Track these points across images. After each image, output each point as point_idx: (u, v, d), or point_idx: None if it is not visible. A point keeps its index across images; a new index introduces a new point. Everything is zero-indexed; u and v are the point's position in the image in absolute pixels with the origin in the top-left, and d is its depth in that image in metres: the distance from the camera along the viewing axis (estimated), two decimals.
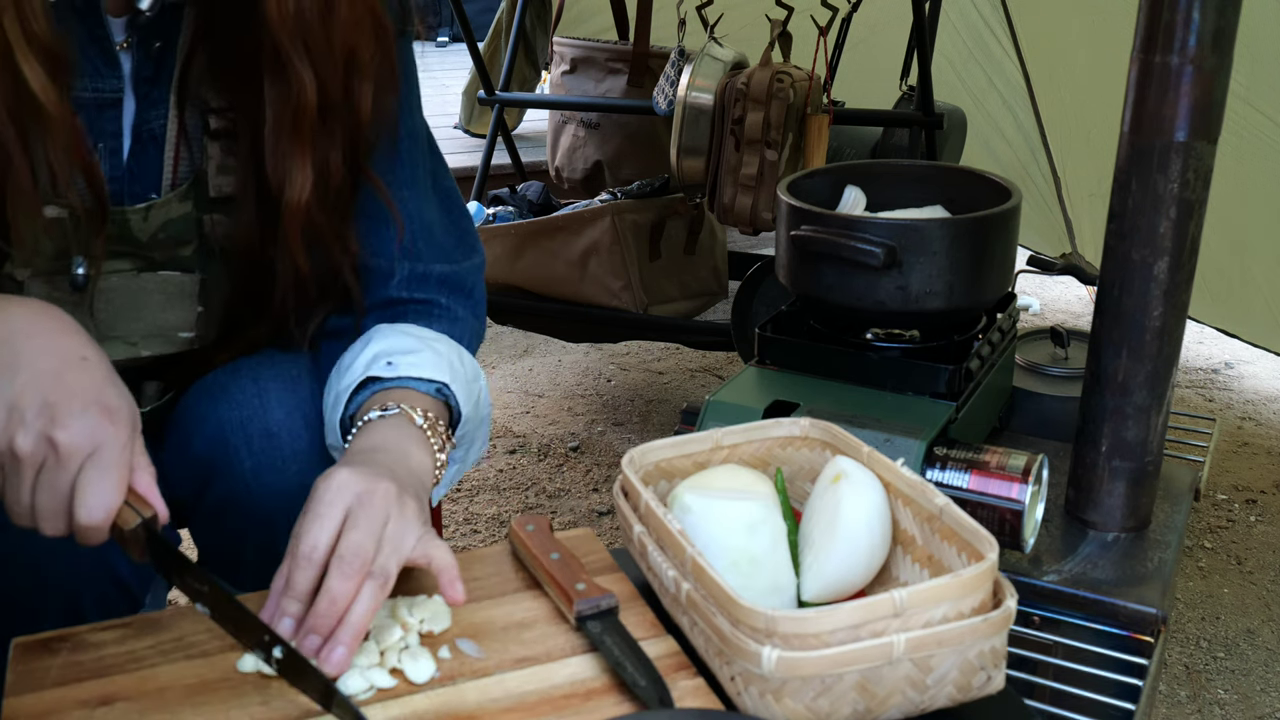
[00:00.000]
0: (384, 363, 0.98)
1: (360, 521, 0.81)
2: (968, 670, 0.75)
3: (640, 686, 0.78)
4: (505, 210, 2.60)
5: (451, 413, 1.01)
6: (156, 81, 0.97)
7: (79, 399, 0.77)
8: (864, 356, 1.24)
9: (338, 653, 0.78)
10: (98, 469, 0.76)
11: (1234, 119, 2.22)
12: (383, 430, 0.93)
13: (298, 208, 0.96)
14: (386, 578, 0.81)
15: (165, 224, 0.99)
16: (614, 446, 2.64)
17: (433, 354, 1.00)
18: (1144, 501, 1.16)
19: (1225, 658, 1.90)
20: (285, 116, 0.94)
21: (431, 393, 0.98)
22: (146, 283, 1.01)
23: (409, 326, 1.04)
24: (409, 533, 0.83)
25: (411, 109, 1.06)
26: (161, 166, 0.99)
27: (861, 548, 0.85)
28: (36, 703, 0.77)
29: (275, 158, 0.95)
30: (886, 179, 1.42)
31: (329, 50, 0.93)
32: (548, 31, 3.53)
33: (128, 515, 0.78)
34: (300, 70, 0.92)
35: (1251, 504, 2.42)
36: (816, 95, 2.20)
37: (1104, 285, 1.11)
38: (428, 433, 0.95)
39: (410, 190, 1.06)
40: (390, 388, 0.97)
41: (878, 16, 2.78)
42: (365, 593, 0.79)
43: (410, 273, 1.07)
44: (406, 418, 0.94)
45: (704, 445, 0.97)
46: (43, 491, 0.76)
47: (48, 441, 0.75)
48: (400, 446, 0.92)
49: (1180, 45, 1.01)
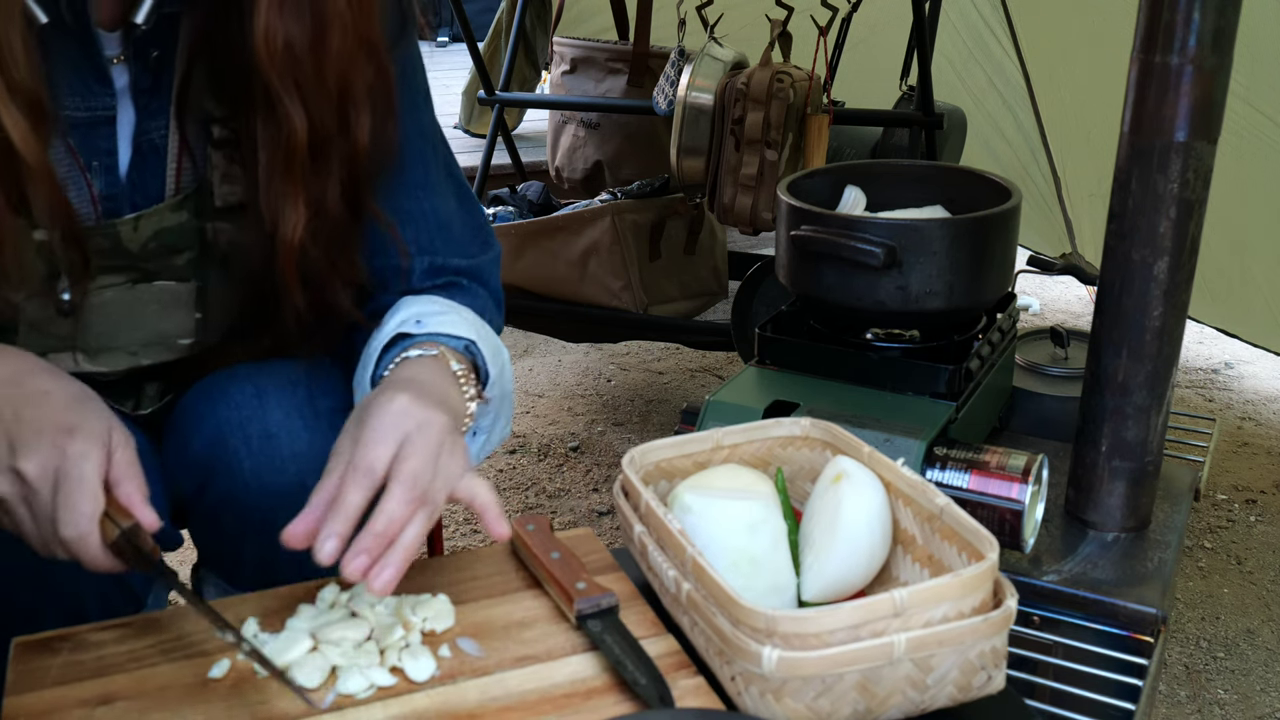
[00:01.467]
0: (414, 321, 0.98)
1: (419, 449, 0.81)
2: (968, 670, 0.75)
3: (641, 685, 0.78)
4: (505, 210, 2.60)
5: (478, 373, 1.02)
6: (156, 92, 0.96)
7: (35, 430, 0.79)
8: (864, 356, 1.24)
9: (386, 574, 0.78)
10: (67, 484, 0.78)
11: (1234, 119, 2.22)
12: (421, 366, 0.94)
13: (291, 246, 0.95)
14: (436, 506, 0.82)
15: (156, 233, 0.98)
16: (614, 446, 2.64)
17: (459, 316, 1.01)
18: (1144, 501, 1.16)
19: (1225, 658, 1.90)
20: (277, 156, 0.92)
21: (460, 349, 0.99)
22: (142, 294, 1.01)
23: (435, 296, 1.05)
24: (458, 466, 0.84)
25: (418, 107, 1.06)
26: (164, 177, 0.98)
27: (862, 548, 0.85)
28: (37, 702, 0.77)
29: (268, 196, 0.94)
30: (886, 179, 1.42)
31: (320, 85, 0.90)
32: (548, 31, 3.53)
33: (108, 527, 0.80)
34: (290, 110, 0.90)
35: (1251, 504, 2.42)
36: (816, 95, 2.20)
37: (1104, 285, 1.11)
38: (461, 380, 0.95)
39: (424, 190, 1.06)
40: (421, 342, 0.97)
41: (878, 16, 2.78)
42: (418, 518, 0.80)
43: (430, 265, 1.07)
44: (443, 361, 0.95)
45: (704, 445, 0.97)
46: (38, 522, 0.79)
47: (15, 475, 0.78)
48: (439, 384, 0.92)
49: (1180, 45, 1.01)
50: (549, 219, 2.46)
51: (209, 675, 0.80)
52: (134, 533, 0.80)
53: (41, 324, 0.97)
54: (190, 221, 1.00)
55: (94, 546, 0.79)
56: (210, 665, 0.81)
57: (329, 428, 1.01)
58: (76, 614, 0.95)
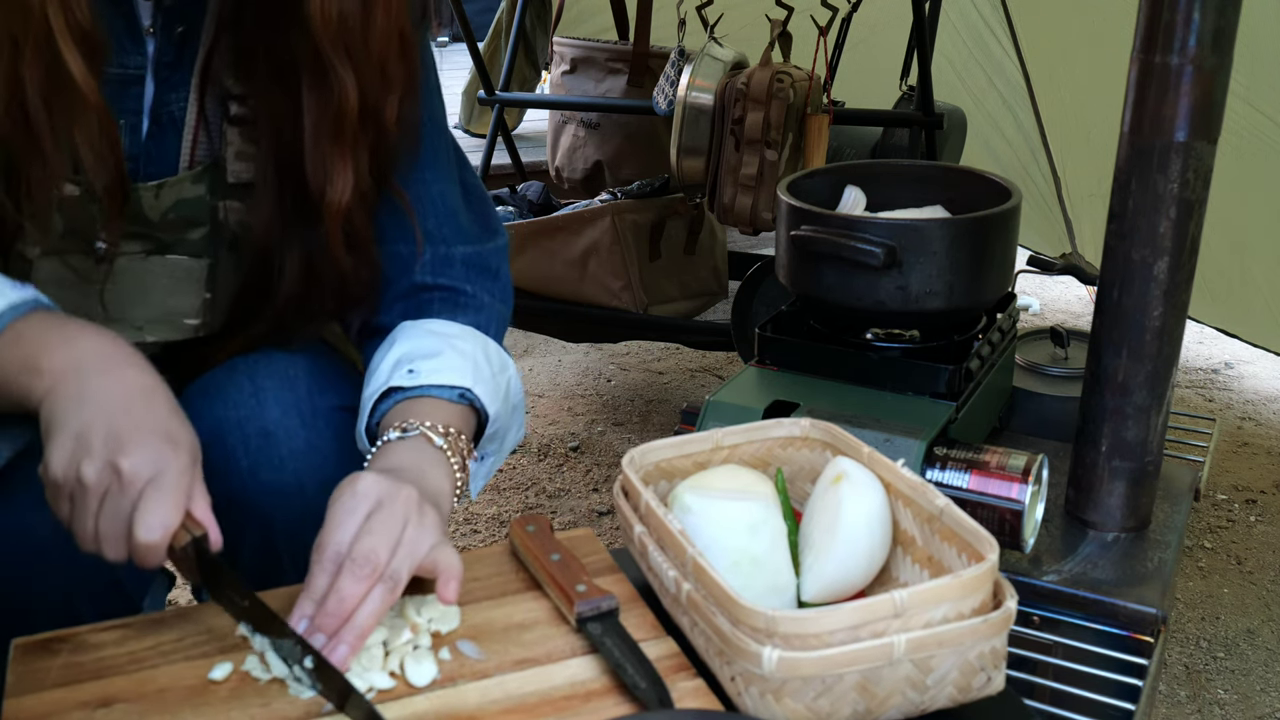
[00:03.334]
0: (405, 370, 0.99)
1: (376, 526, 0.82)
2: (968, 671, 0.75)
3: (640, 688, 0.78)
4: (505, 210, 2.60)
5: (478, 414, 1.02)
6: (177, 66, 0.98)
7: (143, 429, 0.80)
8: (864, 356, 1.24)
9: (339, 651, 0.79)
10: (157, 492, 0.79)
11: (1234, 119, 2.22)
12: (400, 452, 0.94)
13: (339, 209, 0.98)
14: (396, 582, 0.82)
15: (177, 204, 1.00)
16: (614, 446, 2.64)
17: (456, 355, 1.01)
18: (1144, 501, 1.16)
19: (1225, 658, 1.90)
20: (325, 120, 0.96)
21: (454, 398, 0.99)
22: (154, 266, 1.02)
23: (433, 323, 1.05)
24: (425, 539, 0.84)
25: (431, 95, 1.08)
26: (179, 150, 1.00)
27: (862, 548, 0.85)
28: (36, 704, 0.77)
29: (315, 160, 0.97)
30: (886, 179, 1.42)
31: (367, 56, 0.94)
32: (548, 31, 3.53)
33: (180, 535, 0.81)
34: (343, 74, 0.94)
35: (1251, 504, 2.42)
36: (816, 95, 2.20)
37: (1104, 285, 1.11)
38: (447, 452, 0.96)
39: (433, 172, 1.08)
40: (412, 398, 0.98)
41: (878, 16, 2.78)
42: (374, 595, 0.80)
43: (434, 256, 1.08)
44: (425, 439, 0.95)
45: (704, 445, 0.97)
46: (106, 517, 0.79)
47: (112, 469, 0.78)
48: (418, 467, 0.93)
49: (1180, 45, 1.01)
50: (549, 219, 2.46)
51: (209, 678, 0.80)
52: (204, 542, 0.82)
53: (53, 287, 0.97)
54: (206, 197, 1.02)
55: (162, 554, 0.80)
56: (211, 668, 0.81)
57: (326, 426, 1.01)
58: (70, 615, 0.94)
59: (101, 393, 0.81)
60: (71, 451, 0.79)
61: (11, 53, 0.85)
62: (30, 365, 0.83)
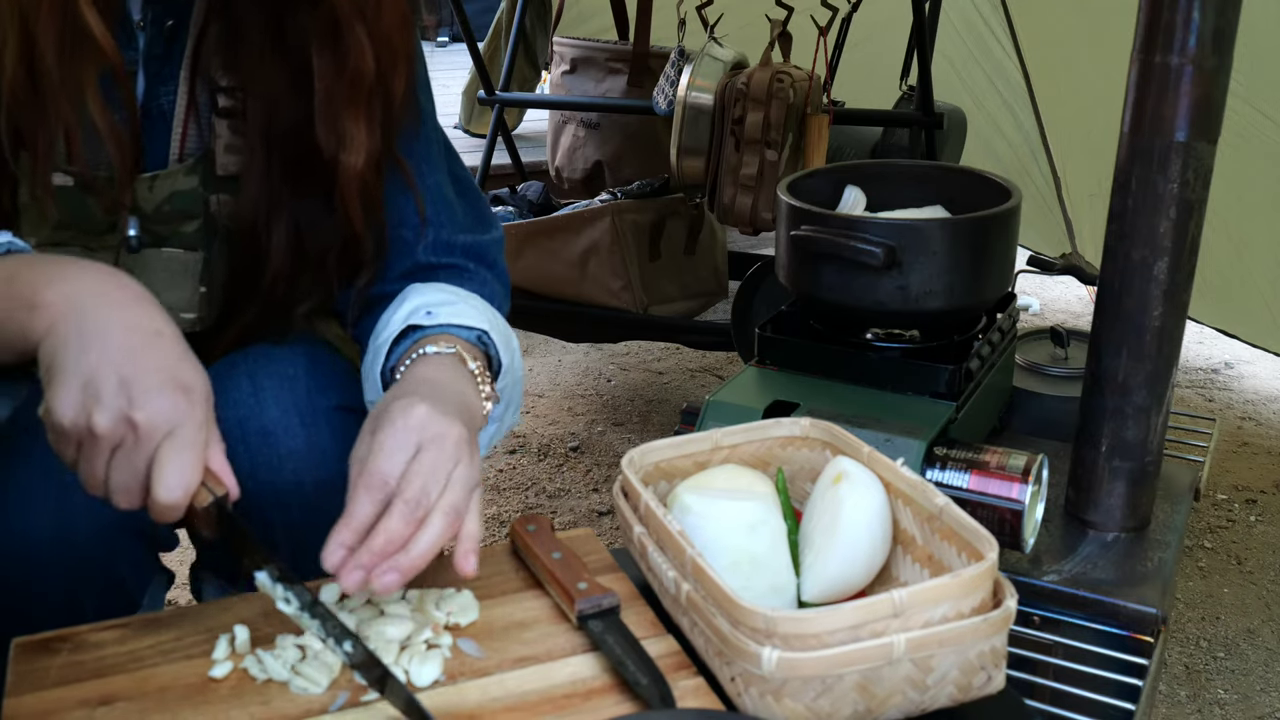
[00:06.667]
0: (424, 313, 0.99)
1: (430, 464, 0.81)
2: (968, 670, 0.75)
3: (641, 685, 0.78)
4: (505, 210, 2.60)
5: (491, 362, 1.02)
6: (166, 59, 0.99)
7: (155, 376, 0.76)
8: (864, 356, 1.24)
9: (388, 578, 0.77)
10: (176, 448, 0.76)
11: (1234, 119, 2.22)
12: (438, 366, 0.93)
13: (355, 172, 0.98)
14: (457, 514, 0.80)
15: (171, 196, 1.01)
16: (614, 446, 2.64)
17: (469, 305, 1.01)
18: (1144, 501, 1.16)
19: (1225, 658, 1.90)
20: (340, 84, 0.96)
21: (473, 340, 0.99)
22: (150, 260, 1.02)
23: (443, 285, 1.05)
24: (470, 482, 0.83)
25: (421, 84, 1.08)
26: (168, 143, 1.01)
27: (862, 548, 0.85)
28: (37, 703, 0.77)
29: (328, 123, 0.97)
30: (886, 179, 1.42)
31: (378, 24, 0.96)
32: (548, 31, 3.53)
33: (202, 494, 0.78)
34: (360, 38, 0.94)
35: (1251, 504, 2.42)
36: (816, 95, 2.20)
37: (1104, 285, 1.11)
38: (478, 379, 0.95)
39: (429, 165, 1.08)
40: (431, 335, 0.97)
41: (878, 16, 2.77)
42: (433, 527, 0.79)
43: (435, 239, 1.08)
44: (460, 359, 0.95)
45: (704, 445, 0.97)
46: (119, 469, 0.76)
47: (127, 421, 0.75)
48: (456, 386, 0.92)
49: (1180, 45, 1.01)
50: (549, 219, 2.46)
51: (210, 676, 0.80)
52: (224, 501, 0.80)
53: None
54: (199, 189, 1.02)
55: (181, 512, 0.78)
56: (211, 666, 0.81)
57: (326, 425, 1.01)
58: (71, 613, 0.95)
59: (106, 334, 0.76)
60: (80, 399, 0.74)
61: (26, 13, 0.86)
62: (27, 300, 0.78)
